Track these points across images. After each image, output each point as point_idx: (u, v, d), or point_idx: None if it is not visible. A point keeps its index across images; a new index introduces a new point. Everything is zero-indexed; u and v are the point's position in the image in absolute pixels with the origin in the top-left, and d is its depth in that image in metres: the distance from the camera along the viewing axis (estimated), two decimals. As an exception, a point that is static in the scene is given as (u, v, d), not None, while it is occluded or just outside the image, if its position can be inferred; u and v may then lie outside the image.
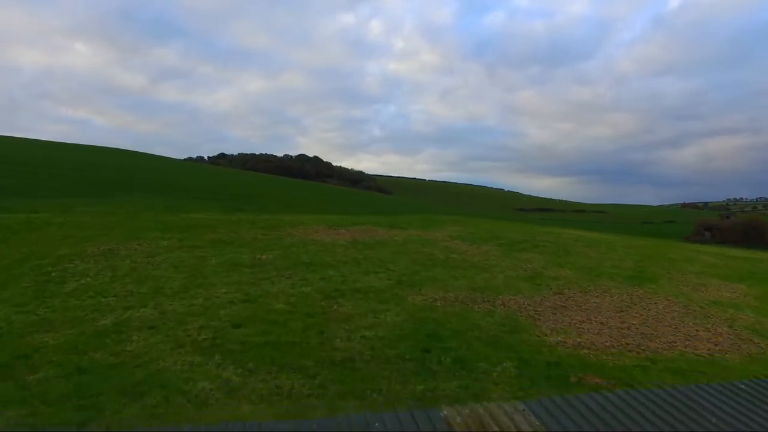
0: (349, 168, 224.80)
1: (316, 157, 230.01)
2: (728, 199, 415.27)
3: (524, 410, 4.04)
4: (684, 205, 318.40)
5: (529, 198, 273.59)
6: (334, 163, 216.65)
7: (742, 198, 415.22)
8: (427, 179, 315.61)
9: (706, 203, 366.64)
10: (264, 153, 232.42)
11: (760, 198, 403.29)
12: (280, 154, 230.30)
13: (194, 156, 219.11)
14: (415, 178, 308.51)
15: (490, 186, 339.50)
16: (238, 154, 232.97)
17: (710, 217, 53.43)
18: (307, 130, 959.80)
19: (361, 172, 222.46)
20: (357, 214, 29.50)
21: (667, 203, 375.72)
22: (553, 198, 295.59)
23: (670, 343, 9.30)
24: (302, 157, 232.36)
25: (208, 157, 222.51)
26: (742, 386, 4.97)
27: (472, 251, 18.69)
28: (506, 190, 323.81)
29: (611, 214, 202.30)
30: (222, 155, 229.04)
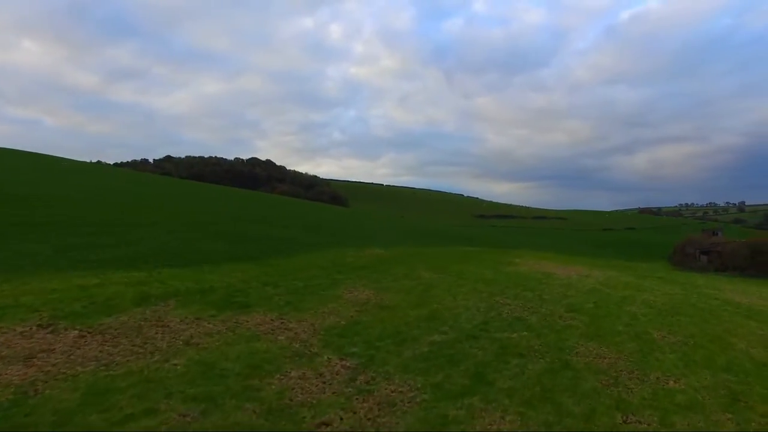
0: (304, 172, 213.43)
1: (268, 161, 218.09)
2: (680, 204, 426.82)
3: None
4: (641, 211, 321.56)
5: (489, 204, 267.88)
6: (291, 167, 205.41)
7: (693, 203, 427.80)
8: (385, 184, 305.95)
9: (660, 208, 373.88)
10: (213, 156, 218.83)
11: (710, 203, 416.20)
12: (233, 157, 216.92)
13: (139, 159, 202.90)
14: (373, 183, 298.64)
15: (449, 191, 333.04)
16: (186, 156, 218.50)
17: (696, 235, 45.08)
18: (266, 133, 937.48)
19: (315, 176, 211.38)
20: (287, 255, 19.22)
21: (621, 208, 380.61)
22: (512, 203, 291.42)
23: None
24: (253, 161, 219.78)
25: (153, 160, 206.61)
26: None
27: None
28: (466, 195, 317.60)
29: (571, 221, 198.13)
30: (168, 158, 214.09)
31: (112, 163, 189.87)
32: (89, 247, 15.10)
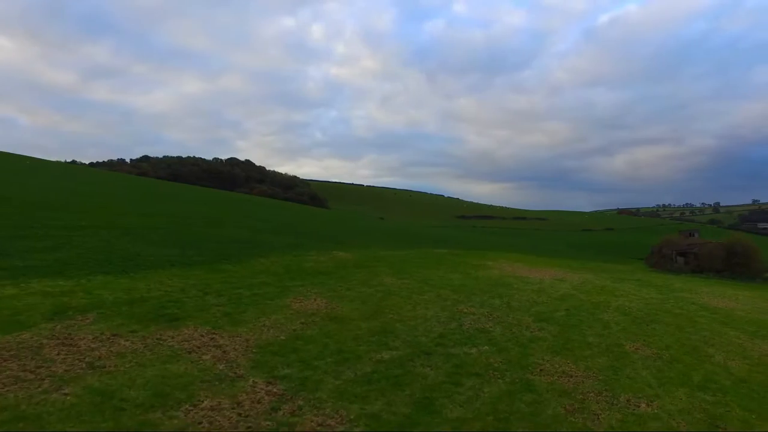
0: (284, 173, 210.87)
1: (247, 161, 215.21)
2: (658, 205, 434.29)
3: None
4: (620, 212, 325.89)
5: (470, 204, 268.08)
6: (272, 168, 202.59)
7: (670, 204, 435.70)
8: (365, 185, 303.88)
9: (638, 209, 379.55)
10: (191, 156, 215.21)
11: (686, 204, 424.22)
12: (212, 157, 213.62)
13: (116, 158, 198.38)
14: (353, 184, 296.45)
15: (430, 192, 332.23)
16: (164, 156, 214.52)
17: (673, 236, 44.77)
18: (247, 133, 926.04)
19: (295, 177, 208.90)
20: (241, 260, 17.85)
21: (600, 209, 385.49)
22: (492, 204, 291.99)
23: None
24: (233, 161, 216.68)
25: (130, 159, 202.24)
26: None
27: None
28: (446, 196, 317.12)
29: (551, 221, 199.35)
30: (146, 158, 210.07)
31: (87, 163, 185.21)
32: (16, 252, 13.67)
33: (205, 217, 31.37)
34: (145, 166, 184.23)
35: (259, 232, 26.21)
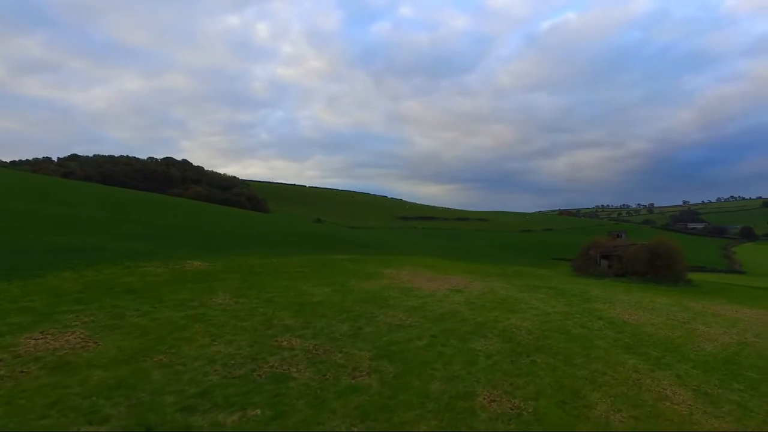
0: (223, 173, 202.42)
1: (184, 161, 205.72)
2: (597, 206, 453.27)
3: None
4: (561, 213, 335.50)
5: (413, 206, 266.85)
6: (216, 169, 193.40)
7: (608, 205, 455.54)
8: (308, 185, 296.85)
9: (578, 210, 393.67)
10: (124, 155, 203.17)
11: (623, 205, 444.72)
12: (153, 157, 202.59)
13: (41, 157, 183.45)
14: (295, 185, 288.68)
15: (374, 193, 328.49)
16: (94, 155, 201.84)
17: (601, 238, 43.43)
18: (191, 133, 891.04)
19: (234, 177, 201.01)
20: (31, 275, 13.54)
21: (543, 209, 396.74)
22: (437, 206, 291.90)
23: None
24: (168, 161, 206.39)
25: (57, 158, 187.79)
26: None
27: None
28: (390, 197, 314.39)
29: (493, 222, 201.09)
30: (74, 156, 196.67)
31: (8, 162, 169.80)
32: None
33: (70, 220, 26.61)
34: (72, 165, 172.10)
35: (118, 238, 21.94)
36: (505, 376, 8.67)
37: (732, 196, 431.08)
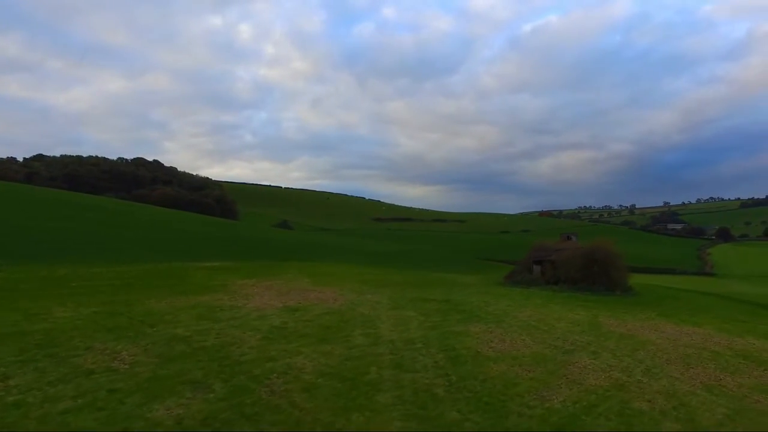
0: (195, 174, 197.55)
1: (155, 161, 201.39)
2: (579, 207, 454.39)
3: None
4: (541, 214, 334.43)
5: (390, 207, 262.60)
6: (202, 170, 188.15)
7: (590, 206, 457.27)
8: (283, 186, 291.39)
9: (560, 211, 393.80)
10: (93, 155, 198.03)
11: (605, 206, 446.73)
12: (116, 157, 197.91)
13: (5, 157, 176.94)
14: (271, 186, 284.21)
15: (354, 195, 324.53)
16: (61, 155, 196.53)
17: (546, 241, 40.08)
18: (174, 134, 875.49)
19: (207, 178, 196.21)
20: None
21: (527, 211, 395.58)
22: (417, 207, 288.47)
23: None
24: (138, 161, 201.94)
25: (24, 158, 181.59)
26: None
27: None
28: (368, 198, 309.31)
29: (470, 223, 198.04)
30: (39, 156, 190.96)
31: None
32: None
33: None
34: (37, 165, 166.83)
35: None
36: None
37: (711, 197, 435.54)
